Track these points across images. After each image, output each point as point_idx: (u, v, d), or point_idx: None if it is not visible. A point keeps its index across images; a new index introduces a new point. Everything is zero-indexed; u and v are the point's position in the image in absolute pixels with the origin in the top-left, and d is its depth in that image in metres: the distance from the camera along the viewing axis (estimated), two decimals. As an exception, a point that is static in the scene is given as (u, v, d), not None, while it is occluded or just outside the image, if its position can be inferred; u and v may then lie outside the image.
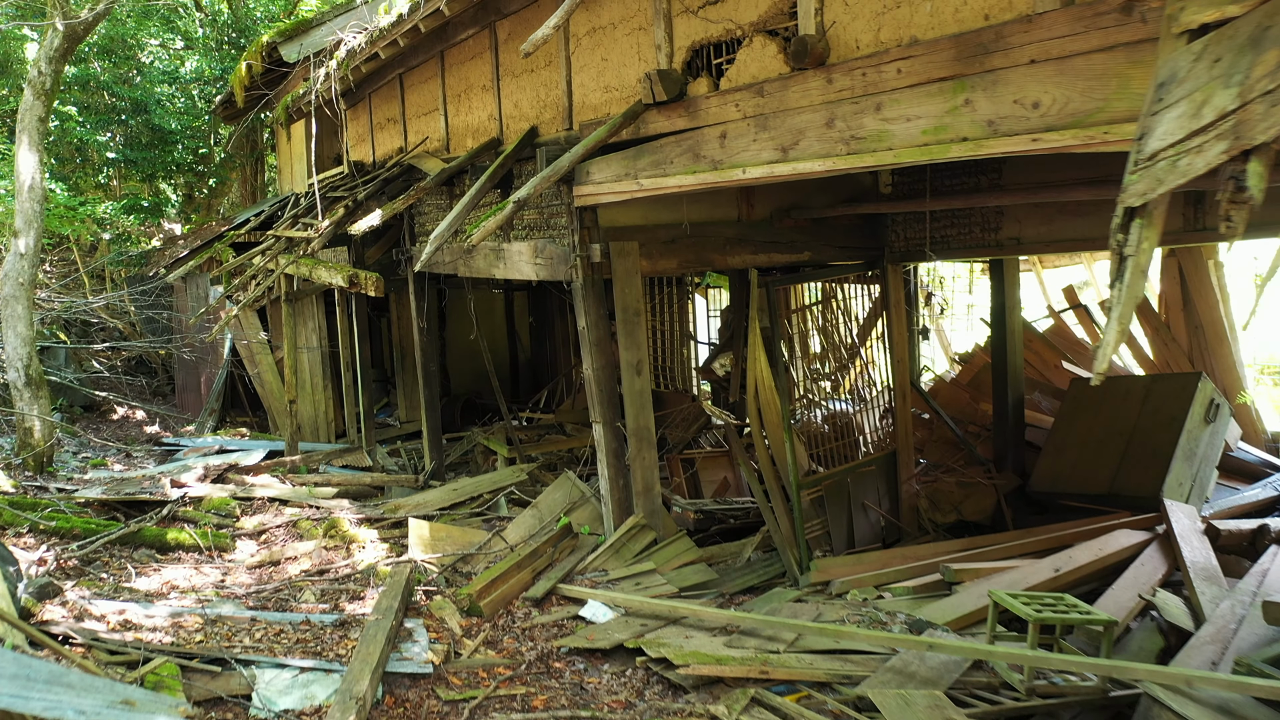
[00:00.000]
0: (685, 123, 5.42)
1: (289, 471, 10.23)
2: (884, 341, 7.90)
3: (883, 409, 8.35)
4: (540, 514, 7.18)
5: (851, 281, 8.68)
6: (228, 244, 13.37)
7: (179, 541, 7.98)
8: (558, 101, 6.85)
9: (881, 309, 8.94)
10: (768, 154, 4.80)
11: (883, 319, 8.01)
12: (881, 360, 8.29)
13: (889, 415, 8.36)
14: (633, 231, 6.80)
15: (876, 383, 8.24)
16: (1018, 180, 6.63)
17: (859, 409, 8.33)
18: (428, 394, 9.96)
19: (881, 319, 8.15)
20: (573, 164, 5.39)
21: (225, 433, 13.48)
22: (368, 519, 8.29)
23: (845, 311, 10.83)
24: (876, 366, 8.13)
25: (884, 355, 8.02)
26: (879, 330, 8.11)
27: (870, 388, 8.21)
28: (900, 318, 7.86)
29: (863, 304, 10.11)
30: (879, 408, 8.34)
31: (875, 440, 8.16)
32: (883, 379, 8.29)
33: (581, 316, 6.68)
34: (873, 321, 10.64)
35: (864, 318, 9.98)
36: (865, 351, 8.62)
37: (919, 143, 3.97)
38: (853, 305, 10.09)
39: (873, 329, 9.35)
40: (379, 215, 7.25)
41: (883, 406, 8.31)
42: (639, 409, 6.80)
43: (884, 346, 7.91)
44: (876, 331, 8.33)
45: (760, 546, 7.60)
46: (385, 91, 10.32)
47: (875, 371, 8.16)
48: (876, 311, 10.79)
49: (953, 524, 8.13)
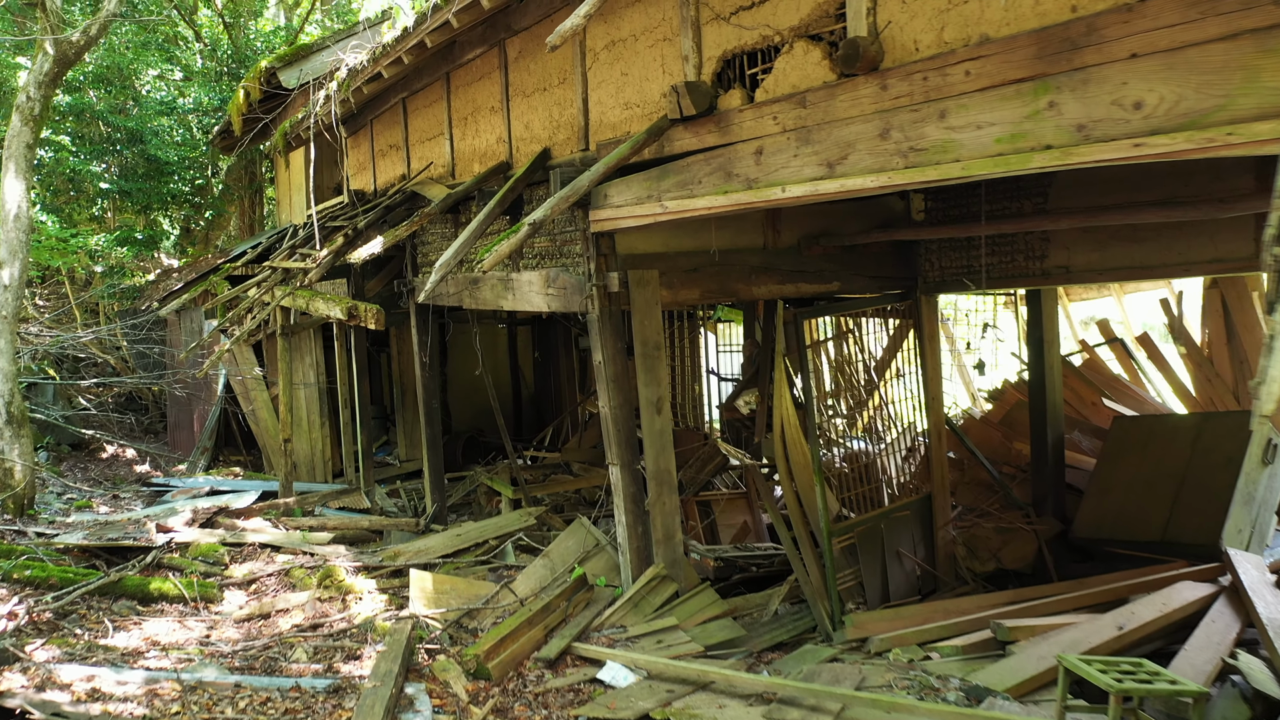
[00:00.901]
0: (715, 139, 4.97)
1: (282, 514, 9.69)
2: (917, 377, 7.41)
3: (907, 448, 7.84)
4: (552, 564, 6.65)
5: (869, 315, 8.21)
6: (223, 277, 12.92)
7: (162, 592, 7.43)
8: (572, 121, 6.42)
9: (899, 342, 8.47)
10: (810, 170, 4.34)
11: (912, 352, 7.52)
12: (906, 397, 7.81)
13: (913, 455, 7.86)
14: (653, 259, 6.34)
15: (900, 421, 7.74)
16: (1065, 204, 6.18)
17: (882, 449, 7.82)
18: (429, 432, 9.45)
19: (901, 353, 7.66)
20: (593, 183, 4.94)
21: (218, 472, 12.95)
22: (365, 567, 7.75)
23: (860, 345, 10.38)
24: (896, 404, 7.62)
25: (913, 391, 7.53)
26: (898, 366, 7.61)
27: (889, 426, 7.69)
28: (935, 352, 7.38)
29: (881, 338, 9.67)
30: (903, 447, 7.83)
31: (901, 483, 7.64)
32: (907, 417, 7.81)
33: (598, 351, 6.20)
34: (891, 355, 10.18)
35: (882, 352, 9.52)
36: (885, 387, 8.13)
37: (992, 153, 3.52)
38: (868, 340, 9.64)
39: (891, 363, 8.85)
40: (380, 243, 6.80)
41: (907, 446, 7.80)
42: (659, 450, 6.30)
43: (918, 382, 7.41)
44: (895, 367, 7.83)
45: (788, 598, 7.07)
46: (388, 117, 9.91)
47: (898, 409, 7.65)
48: (896, 345, 10.33)
49: (991, 573, 7.60)
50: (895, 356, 8.37)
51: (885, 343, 7.90)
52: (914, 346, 7.36)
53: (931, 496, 7.36)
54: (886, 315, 7.90)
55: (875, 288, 7.22)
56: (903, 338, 9.50)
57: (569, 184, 5.14)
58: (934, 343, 7.34)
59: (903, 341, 9.47)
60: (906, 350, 7.53)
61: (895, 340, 10.86)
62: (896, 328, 10.99)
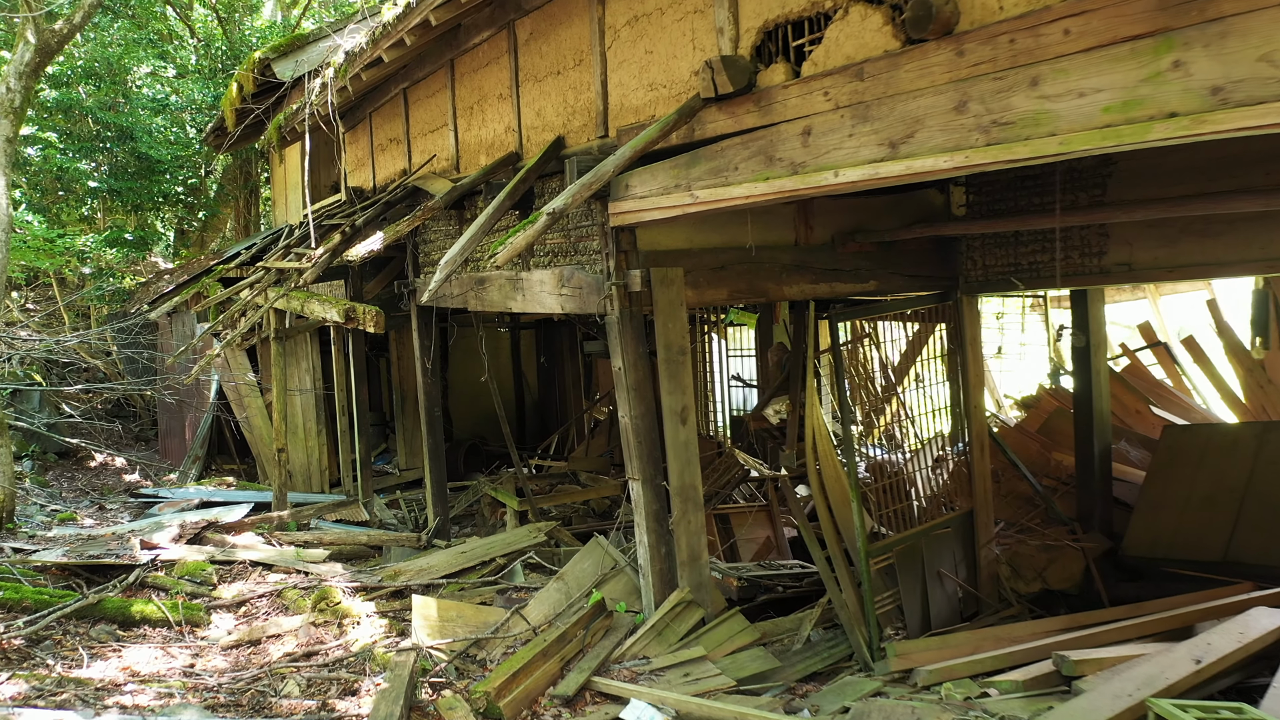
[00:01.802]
0: (755, 119, 4.45)
1: (276, 529, 9.17)
2: (958, 382, 6.89)
3: (934, 459, 7.32)
4: (567, 587, 6.12)
5: (889, 318, 7.69)
6: (216, 279, 12.39)
7: (145, 615, 6.91)
8: (589, 106, 5.90)
9: (919, 345, 7.97)
10: (869, 151, 3.83)
11: (933, 358, 7.00)
12: (943, 404, 7.29)
13: (941, 465, 7.33)
14: (676, 256, 5.83)
15: (926, 430, 7.21)
16: (1128, 195, 5.67)
17: (914, 460, 7.29)
18: (431, 441, 8.93)
19: (933, 357, 7.13)
20: (618, 169, 4.43)
21: (210, 481, 12.41)
22: (363, 587, 7.22)
23: (878, 347, 9.85)
24: (933, 412, 7.09)
25: (954, 398, 7.00)
26: (924, 371, 7.07)
27: (905, 433, 7.14)
28: (977, 356, 6.87)
29: (902, 342, 9.14)
30: (930, 457, 7.30)
31: (939, 497, 7.10)
32: (940, 425, 7.29)
33: (617, 356, 5.68)
34: (911, 359, 9.67)
35: (901, 357, 9.00)
36: (920, 394, 7.59)
37: (1098, 124, 3.00)
38: (895, 344, 9.11)
39: (919, 367, 8.31)
40: (380, 239, 6.28)
41: (934, 457, 7.26)
42: (684, 464, 5.78)
43: (959, 388, 6.89)
44: (916, 373, 7.28)
45: (820, 622, 6.54)
46: (387, 109, 9.40)
47: (935, 417, 7.11)
48: (917, 348, 9.82)
49: (1037, 594, 7.08)
50: (916, 361, 7.83)
51: (920, 345, 7.35)
52: (938, 350, 6.84)
53: (974, 512, 6.84)
54: (922, 318, 7.37)
55: (914, 287, 6.70)
56: (925, 340, 9.01)
57: (588, 172, 4.63)
58: (976, 347, 6.82)
59: (924, 345, 8.98)
60: (930, 354, 7.00)
61: (916, 343, 10.36)
62: (916, 331, 10.50)
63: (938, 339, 6.80)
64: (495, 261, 4.26)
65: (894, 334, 7.12)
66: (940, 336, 6.80)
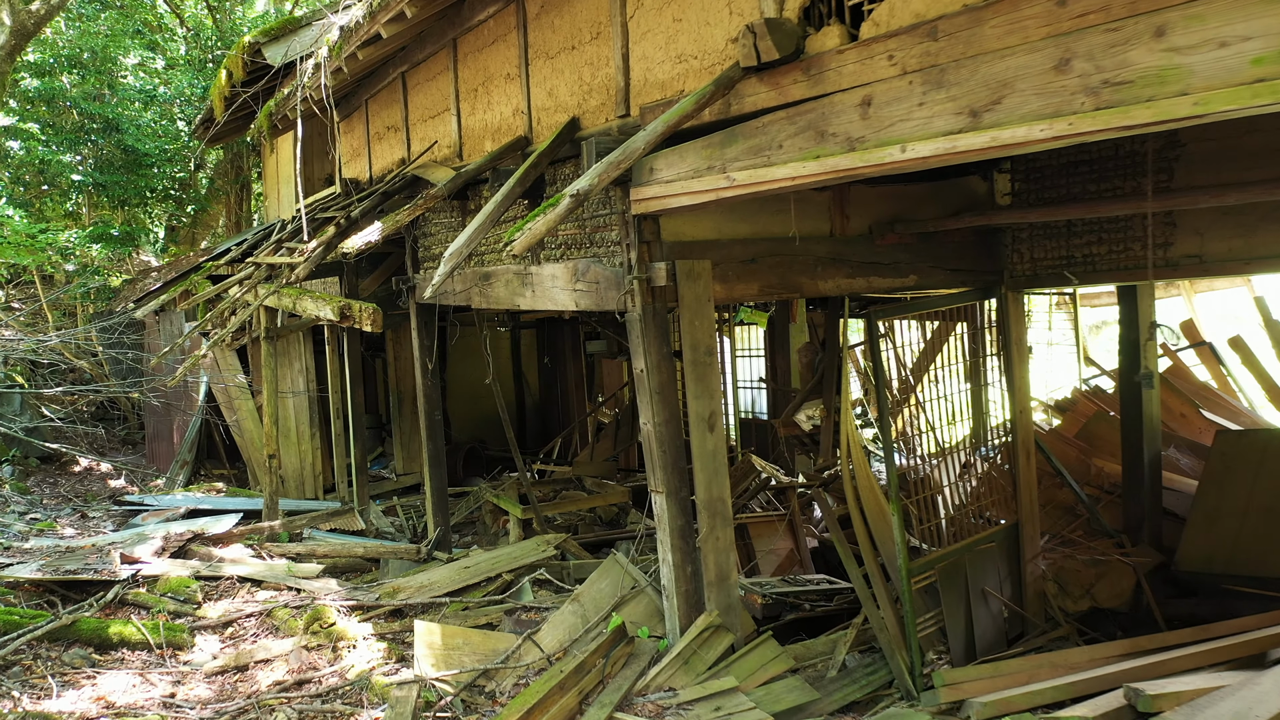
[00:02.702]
0: (803, 90, 3.95)
1: (266, 540, 8.64)
2: (1000, 384, 6.39)
3: (961, 465, 6.82)
4: (583, 609, 5.61)
5: (930, 317, 7.20)
6: (205, 275, 11.86)
7: (123, 637, 6.39)
8: (608, 83, 5.39)
9: (939, 343, 7.49)
10: (944, 121, 3.32)
11: (989, 358, 6.51)
12: (972, 408, 6.80)
13: (969, 472, 6.83)
14: (703, 247, 5.32)
15: (968, 436, 6.70)
16: (1198, 180, 5.17)
17: (951, 467, 6.78)
18: (432, 447, 8.41)
19: (958, 359, 6.64)
20: (649, 146, 3.92)
21: (199, 487, 11.87)
22: (360, 606, 6.71)
23: (918, 347, 9.35)
24: (959, 418, 6.58)
25: (996, 400, 6.51)
26: (959, 373, 6.56)
27: (944, 440, 6.62)
28: (1023, 357, 6.37)
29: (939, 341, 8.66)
30: (974, 466, 6.81)
31: (974, 506, 6.59)
32: (974, 431, 6.79)
33: (640, 357, 5.17)
34: (930, 358, 9.19)
35: (938, 357, 8.50)
36: (943, 397, 7.08)
37: (1246, 79, 2.50)
38: (923, 344, 8.61)
39: (949, 369, 7.81)
40: (378, 229, 5.77)
41: (961, 463, 6.76)
42: (712, 474, 5.28)
43: (1001, 390, 6.39)
44: (954, 375, 6.75)
45: (854, 645, 6.03)
46: (385, 95, 8.88)
47: (964, 423, 6.60)
48: (935, 348, 9.31)
49: (1085, 612, 6.59)
50: (955, 362, 7.32)
51: (959, 345, 6.83)
52: (983, 349, 6.34)
53: (1019, 525, 6.34)
54: (963, 316, 6.83)
55: (955, 283, 6.20)
56: (944, 338, 8.51)
57: (615, 150, 4.12)
58: (1022, 347, 6.32)
59: (943, 343, 8.48)
60: (971, 355, 6.51)
61: (935, 342, 9.87)
62: (936, 329, 10.01)
63: (984, 338, 6.30)
64: (511, 250, 3.75)
65: (930, 333, 6.60)
66: (983, 335, 6.30)
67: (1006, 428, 6.40)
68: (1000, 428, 6.40)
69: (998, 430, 6.41)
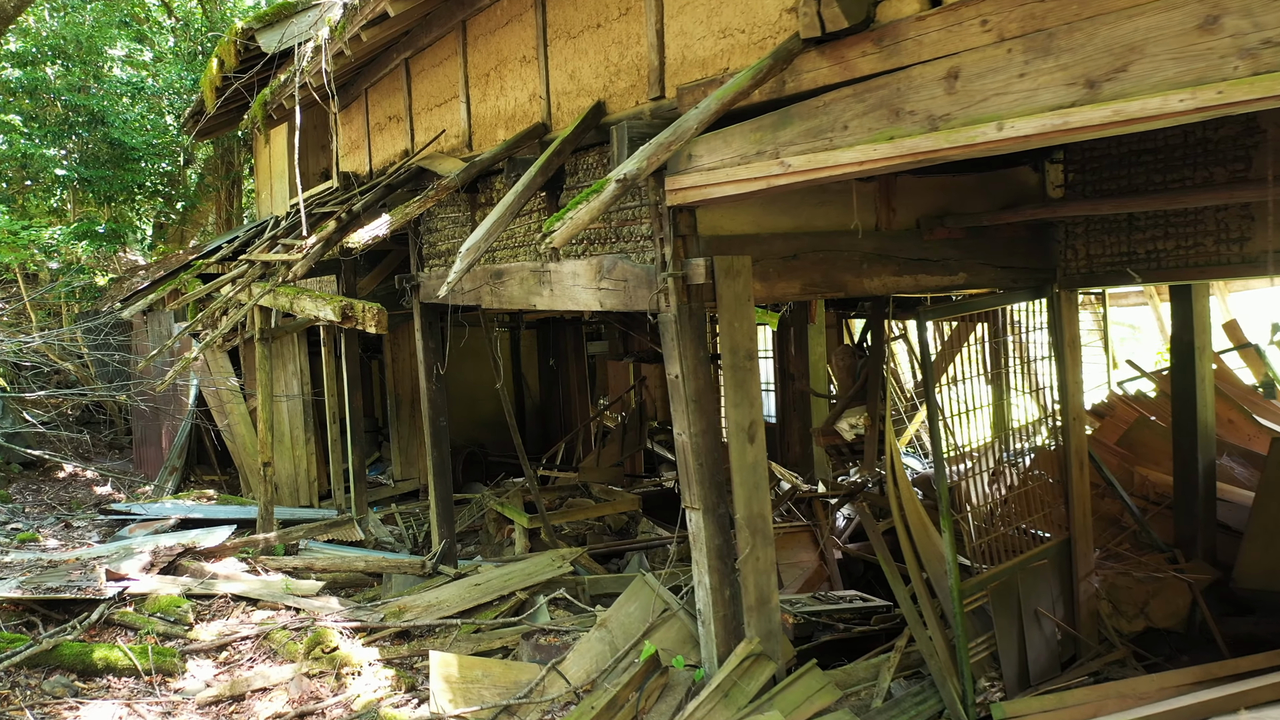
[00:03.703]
0: (873, 64, 3.52)
1: (261, 553, 8.17)
2: (1050, 389, 5.97)
3: (991, 471, 6.41)
4: (611, 636, 5.17)
5: (981, 318, 6.74)
6: (195, 274, 11.37)
7: (109, 663, 5.93)
8: (639, 62, 4.95)
9: (956, 346, 7.08)
10: (1052, 94, 2.90)
11: (1044, 359, 6.09)
12: (1022, 414, 6.38)
13: (999, 480, 6.42)
14: (742, 242, 4.89)
15: (1016, 444, 6.28)
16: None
17: (1001, 476, 6.35)
18: (436, 454, 7.96)
19: (1009, 362, 6.21)
20: (702, 125, 3.48)
21: (189, 495, 11.39)
22: (364, 628, 6.26)
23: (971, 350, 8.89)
24: (1012, 424, 6.15)
25: (1047, 406, 6.09)
26: (1007, 377, 6.12)
27: (994, 448, 6.19)
28: (1077, 360, 5.95)
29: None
30: (987, 469, 6.37)
31: (1028, 520, 6.17)
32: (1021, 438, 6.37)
33: (675, 362, 4.73)
34: (947, 361, 8.76)
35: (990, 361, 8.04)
36: (993, 404, 6.65)
37: None
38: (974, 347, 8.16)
39: (1000, 374, 7.38)
40: (387, 223, 5.33)
41: (1025, 474, 6.35)
42: (753, 489, 4.85)
43: (1051, 395, 5.98)
44: (1005, 380, 6.31)
45: (898, 669, 5.61)
46: (386, 84, 8.43)
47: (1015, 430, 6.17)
48: (954, 348, 8.87)
49: (1140, 633, 6.18)
50: (1005, 366, 6.89)
51: (1007, 347, 6.37)
52: (1033, 353, 5.93)
53: (1071, 540, 5.93)
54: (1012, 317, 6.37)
55: (1004, 281, 5.78)
56: (963, 340, 8.08)
57: (658, 135, 3.67)
58: (1076, 349, 5.91)
59: (961, 346, 8.05)
60: (1024, 358, 6.09)
61: (953, 343, 9.44)
62: (955, 330, 9.59)
63: (1035, 340, 5.88)
64: (551, 242, 3.31)
65: (980, 335, 6.17)
66: (1034, 338, 5.89)
67: (1058, 437, 5.98)
68: (1051, 436, 5.98)
69: (1048, 439, 5.99)
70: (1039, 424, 5.95)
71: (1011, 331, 5.74)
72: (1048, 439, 6.08)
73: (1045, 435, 6.09)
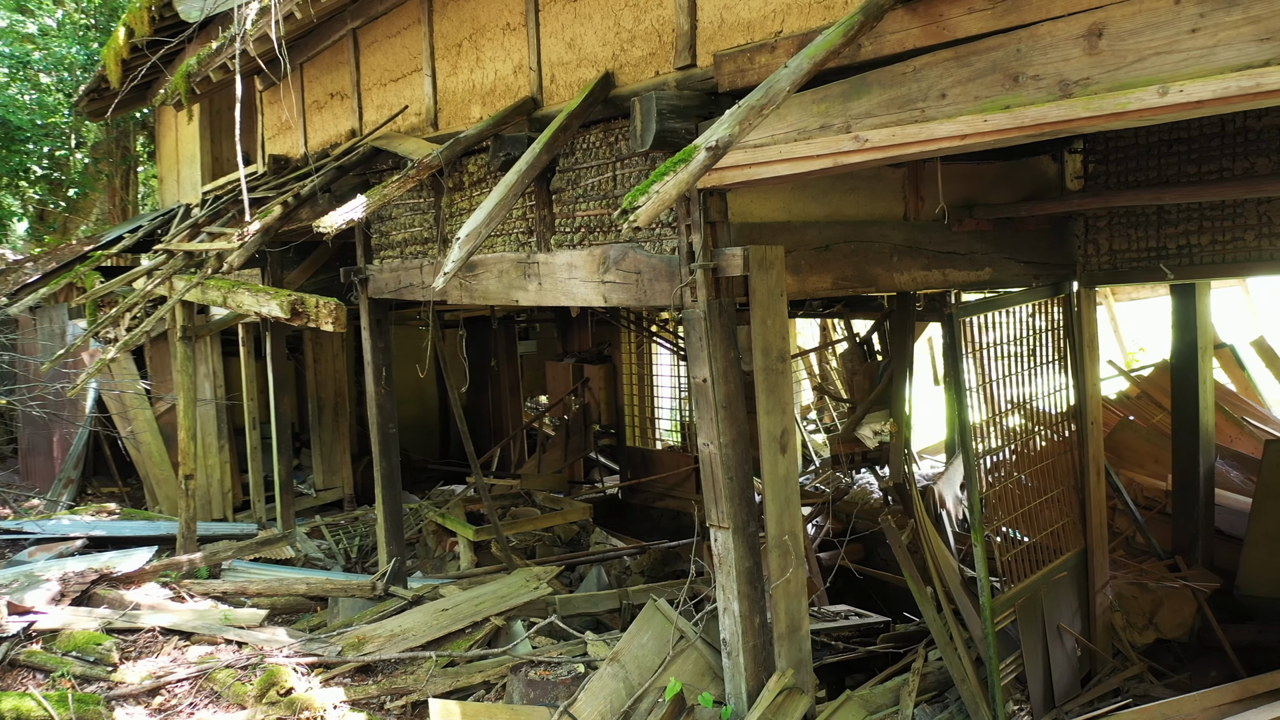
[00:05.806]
0: (982, 23, 3.08)
1: (184, 576, 7.33)
2: (1066, 390, 5.67)
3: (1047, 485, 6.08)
4: (625, 672, 4.61)
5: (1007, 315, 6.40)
6: (93, 267, 10.31)
7: (20, 714, 5.08)
8: (661, 27, 4.41)
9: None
10: (1234, 51, 2.50)
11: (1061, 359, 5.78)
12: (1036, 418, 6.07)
13: (1022, 489, 6.11)
14: (774, 231, 4.42)
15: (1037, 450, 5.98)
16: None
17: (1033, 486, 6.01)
18: (385, 466, 7.25)
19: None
20: (795, 85, 2.96)
21: (87, 509, 10.30)
22: (321, 663, 5.54)
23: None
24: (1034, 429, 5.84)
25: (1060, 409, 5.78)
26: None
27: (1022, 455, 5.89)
28: (1094, 360, 5.68)
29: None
30: (1013, 478, 6.07)
31: (1052, 529, 5.85)
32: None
33: (703, 364, 4.22)
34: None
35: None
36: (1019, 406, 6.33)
37: None
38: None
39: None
40: (364, 205, 4.67)
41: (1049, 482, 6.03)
42: (784, 504, 4.38)
43: (1066, 397, 5.68)
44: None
45: (919, 692, 5.22)
46: (327, 58, 7.66)
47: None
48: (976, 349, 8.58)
49: (1149, 644, 5.95)
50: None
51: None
52: (1052, 353, 5.62)
53: (1088, 550, 5.65)
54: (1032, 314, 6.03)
55: (1027, 276, 5.46)
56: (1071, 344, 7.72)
57: (754, 91, 3.15)
58: (1094, 349, 5.63)
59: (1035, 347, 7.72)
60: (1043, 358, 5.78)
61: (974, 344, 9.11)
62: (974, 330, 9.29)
63: (1052, 339, 5.57)
64: (634, 221, 2.76)
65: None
66: (1053, 336, 5.58)
67: (1074, 441, 5.69)
68: (1067, 441, 5.68)
69: (1063, 444, 5.69)
70: (1057, 429, 5.63)
71: (1031, 330, 5.42)
72: (1064, 445, 5.77)
73: (1061, 441, 5.77)
